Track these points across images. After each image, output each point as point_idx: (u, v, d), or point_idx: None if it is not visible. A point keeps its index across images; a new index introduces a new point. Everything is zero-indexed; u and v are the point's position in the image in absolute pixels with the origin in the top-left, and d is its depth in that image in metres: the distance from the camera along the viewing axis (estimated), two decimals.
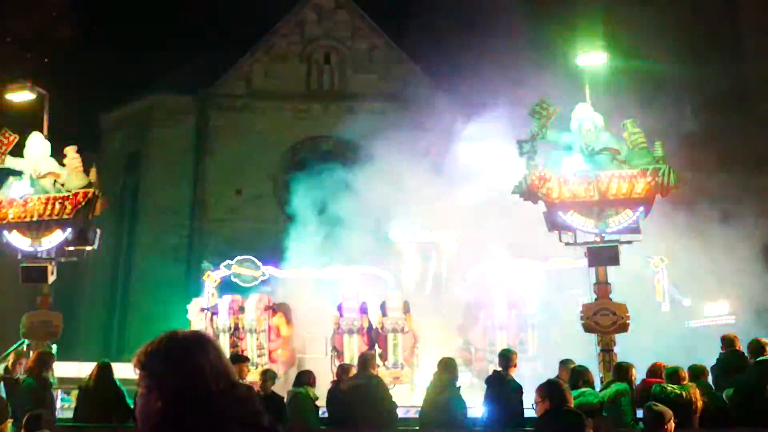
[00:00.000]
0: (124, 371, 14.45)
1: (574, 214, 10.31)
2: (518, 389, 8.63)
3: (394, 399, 9.16)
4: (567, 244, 10.67)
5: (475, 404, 9.22)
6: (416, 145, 18.42)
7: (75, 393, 10.62)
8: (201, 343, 2.14)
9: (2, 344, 14.30)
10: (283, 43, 28.55)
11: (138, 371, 2.13)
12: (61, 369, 14.00)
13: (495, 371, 9.15)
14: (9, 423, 5.43)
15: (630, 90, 16.60)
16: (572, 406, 4.54)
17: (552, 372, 10.46)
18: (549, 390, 4.61)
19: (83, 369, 14.58)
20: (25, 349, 11.54)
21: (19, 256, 11.71)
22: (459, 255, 17.10)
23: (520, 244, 15.96)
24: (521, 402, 8.57)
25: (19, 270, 11.52)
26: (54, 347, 12.82)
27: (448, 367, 8.88)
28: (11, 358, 10.13)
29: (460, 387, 9.10)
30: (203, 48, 28.75)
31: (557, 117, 10.67)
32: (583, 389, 8.01)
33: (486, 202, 16.34)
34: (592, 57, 11.82)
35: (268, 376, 9.36)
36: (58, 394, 12.27)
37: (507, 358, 8.97)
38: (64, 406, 12.17)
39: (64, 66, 21.83)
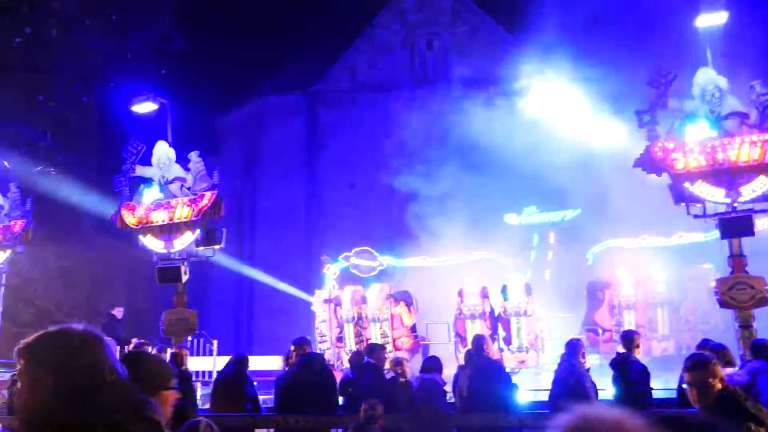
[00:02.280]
0: (256, 364, 14.99)
1: (702, 184, 9.79)
2: (642, 370, 8.36)
3: (514, 380, 9.05)
4: (696, 216, 10.16)
5: (606, 386, 9.00)
6: (526, 125, 18.08)
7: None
8: (98, 337, 2.16)
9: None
10: (385, 32, 28.71)
11: (23, 362, 2.12)
12: (197, 363, 14.79)
13: (618, 353, 8.92)
14: None
15: (751, 49, 15.64)
16: (727, 386, 4.23)
17: (686, 351, 10.06)
18: (697, 364, 4.30)
19: (217, 363, 15.33)
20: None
21: (154, 258, 12.39)
22: (579, 233, 16.70)
23: (645, 218, 15.40)
24: (646, 383, 8.31)
25: (156, 271, 12.17)
26: (215, 342, 13.75)
27: (575, 349, 8.71)
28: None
29: (589, 369, 8.91)
30: (308, 45, 29.33)
31: (677, 83, 10.17)
32: (727, 370, 7.64)
33: (605, 177, 15.88)
34: (712, 17, 11.17)
35: (399, 362, 9.55)
36: (198, 387, 12.93)
37: (629, 339, 8.72)
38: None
39: (181, 75, 22.88)
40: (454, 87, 25.11)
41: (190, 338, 16.71)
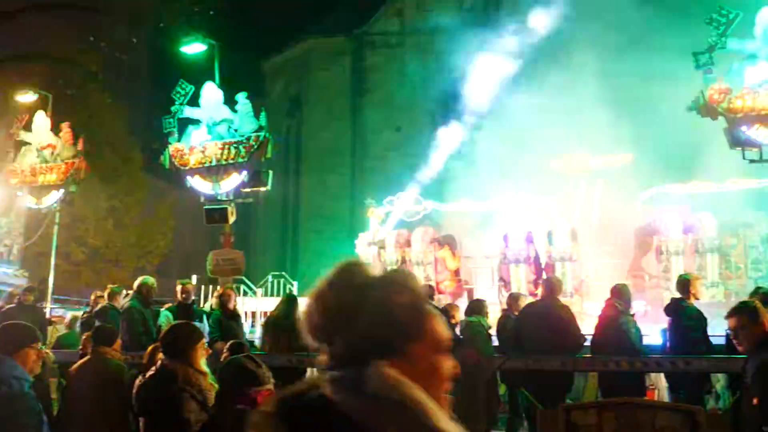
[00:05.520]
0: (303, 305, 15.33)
1: (759, 128, 9.47)
2: (697, 316, 8.21)
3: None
4: (752, 161, 9.87)
5: (650, 332, 8.93)
6: (581, 66, 17.64)
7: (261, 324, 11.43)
8: None
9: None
10: None
11: None
12: (241, 304, 15.17)
13: (673, 299, 8.78)
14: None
15: None
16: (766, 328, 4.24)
17: (734, 300, 9.91)
18: (740, 309, 4.33)
19: (260, 304, 15.64)
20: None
21: (202, 199, 12.55)
22: (628, 179, 16.40)
23: (694, 164, 15.07)
24: (701, 329, 8.17)
25: (203, 212, 12.34)
26: (295, 284, 14.28)
27: (621, 294, 8.61)
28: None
29: (634, 314, 8.83)
30: None
31: (738, 23, 9.77)
32: None
33: (656, 122, 15.51)
34: None
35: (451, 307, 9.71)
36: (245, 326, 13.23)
37: (684, 284, 8.53)
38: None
39: (229, 17, 22.81)
40: (504, 26, 24.47)
41: (270, 280, 17.16)
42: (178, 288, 10.01)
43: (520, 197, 16.63)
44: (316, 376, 1.49)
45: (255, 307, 15.74)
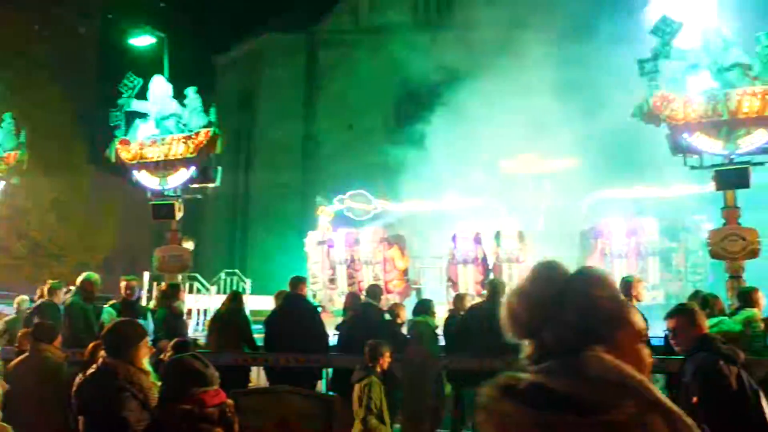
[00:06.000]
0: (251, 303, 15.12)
1: (700, 135, 9.77)
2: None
3: None
4: (692, 167, 10.17)
5: None
6: (529, 72, 17.90)
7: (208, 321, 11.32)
8: None
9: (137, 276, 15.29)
10: None
11: None
12: (194, 301, 14.99)
13: None
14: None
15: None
16: (707, 331, 4.42)
17: (674, 302, 10.16)
18: (678, 311, 4.52)
19: (213, 302, 15.48)
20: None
21: (149, 195, 12.34)
22: (574, 182, 16.71)
23: (639, 169, 15.41)
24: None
25: (150, 207, 12.14)
26: (248, 281, 14.08)
27: None
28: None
29: None
30: None
31: (681, 33, 10.04)
32: (721, 317, 7.71)
33: (601, 126, 15.82)
34: None
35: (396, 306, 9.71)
36: (190, 323, 13.08)
37: (626, 285, 8.69)
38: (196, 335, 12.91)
39: (180, 9, 22.51)
40: (457, 29, 24.69)
41: (223, 277, 16.87)
42: (123, 284, 9.84)
43: (469, 198, 16.79)
44: (510, 374, 1.59)
45: (208, 304, 15.59)
